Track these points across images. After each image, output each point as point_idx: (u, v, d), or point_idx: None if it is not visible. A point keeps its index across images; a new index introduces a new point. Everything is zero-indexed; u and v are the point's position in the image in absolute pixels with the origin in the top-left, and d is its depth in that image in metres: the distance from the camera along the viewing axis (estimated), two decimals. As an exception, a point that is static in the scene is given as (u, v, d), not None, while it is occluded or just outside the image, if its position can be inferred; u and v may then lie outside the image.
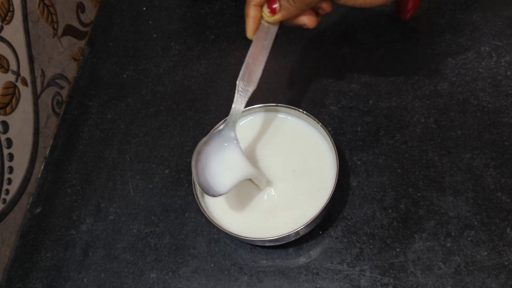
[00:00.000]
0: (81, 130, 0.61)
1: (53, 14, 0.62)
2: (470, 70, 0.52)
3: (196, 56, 0.63)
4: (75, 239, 0.52)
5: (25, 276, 0.51)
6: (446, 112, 0.51)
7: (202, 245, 0.49)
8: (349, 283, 0.44)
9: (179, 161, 0.55)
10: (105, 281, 0.49)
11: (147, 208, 0.53)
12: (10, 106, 0.53)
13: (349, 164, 0.50)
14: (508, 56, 0.52)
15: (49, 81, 0.61)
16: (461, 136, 0.49)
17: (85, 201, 0.55)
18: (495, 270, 0.42)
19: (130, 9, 0.71)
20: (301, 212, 0.43)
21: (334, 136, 0.51)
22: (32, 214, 0.56)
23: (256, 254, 0.47)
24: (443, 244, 0.44)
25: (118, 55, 0.67)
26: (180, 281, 0.48)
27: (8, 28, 0.52)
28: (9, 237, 0.53)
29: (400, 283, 0.43)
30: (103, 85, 0.64)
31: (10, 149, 0.52)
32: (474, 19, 0.56)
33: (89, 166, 0.58)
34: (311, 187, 0.45)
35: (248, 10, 0.40)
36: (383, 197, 0.47)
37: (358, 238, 0.46)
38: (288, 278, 0.45)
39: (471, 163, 0.47)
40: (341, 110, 0.54)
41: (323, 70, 0.57)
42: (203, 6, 0.68)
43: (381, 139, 0.51)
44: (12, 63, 0.53)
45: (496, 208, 0.45)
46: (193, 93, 0.60)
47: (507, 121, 0.48)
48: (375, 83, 0.54)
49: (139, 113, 0.60)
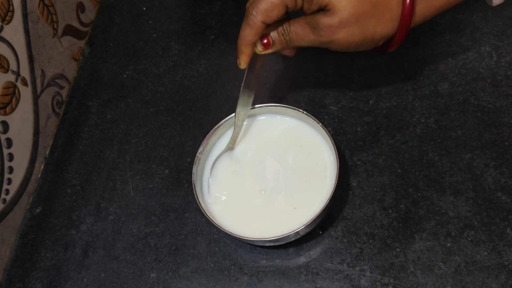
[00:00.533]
0: (81, 130, 0.61)
1: (53, 14, 0.62)
2: (470, 70, 0.52)
3: (196, 56, 0.63)
4: (75, 239, 0.52)
5: (25, 276, 0.51)
6: (446, 112, 0.51)
7: (202, 245, 0.49)
8: (349, 283, 0.44)
9: (179, 161, 0.55)
10: (105, 281, 0.49)
11: (147, 208, 0.53)
12: (10, 106, 0.53)
13: (349, 164, 0.50)
14: (508, 56, 0.52)
15: (49, 81, 0.61)
16: (461, 136, 0.49)
17: (85, 201, 0.55)
18: (495, 270, 0.42)
19: (130, 9, 0.71)
20: (301, 212, 0.44)
21: (334, 136, 0.51)
22: (32, 214, 0.56)
23: (256, 254, 0.47)
24: (443, 244, 0.44)
25: (118, 55, 0.67)
26: (180, 281, 0.48)
27: (8, 28, 0.52)
28: (9, 237, 0.53)
29: (400, 283, 0.43)
30: (103, 85, 0.64)
31: (10, 149, 0.52)
32: (474, 19, 0.56)
33: (89, 166, 0.58)
34: (311, 187, 0.45)
35: (242, 47, 0.42)
36: (383, 197, 0.47)
37: (358, 238, 0.46)
38: (288, 278, 0.45)
39: (471, 163, 0.47)
40: (341, 110, 0.54)
41: (323, 70, 0.57)
42: (203, 6, 0.68)
43: (381, 139, 0.51)
44: (12, 63, 0.53)
45: (496, 208, 0.45)
46: (193, 93, 0.60)
47: (507, 121, 0.48)
48: (375, 83, 0.54)
49: (139, 113, 0.60)
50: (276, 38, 0.42)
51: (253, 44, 0.42)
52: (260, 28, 0.40)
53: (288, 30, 0.41)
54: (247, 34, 0.41)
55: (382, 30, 0.40)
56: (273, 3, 0.39)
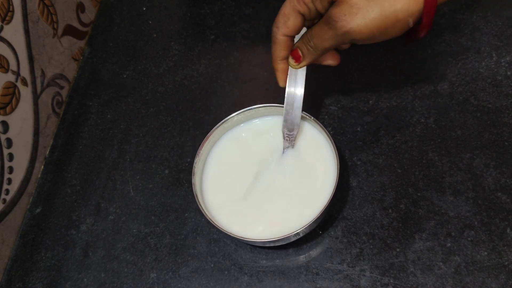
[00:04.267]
0: (81, 130, 0.61)
1: (53, 14, 0.62)
2: (470, 70, 0.52)
3: (196, 56, 0.63)
4: (75, 239, 0.53)
5: (25, 276, 0.51)
6: (446, 112, 0.51)
7: (202, 245, 0.49)
8: (349, 283, 0.44)
9: (179, 161, 0.55)
10: (105, 281, 0.49)
11: (147, 208, 0.53)
12: (10, 106, 0.53)
13: (349, 164, 0.50)
14: (508, 56, 0.52)
15: (49, 81, 0.61)
16: (461, 136, 0.49)
17: (85, 201, 0.55)
18: (495, 270, 0.42)
19: (130, 9, 0.71)
20: (301, 213, 0.43)
21: (334, 136, 0.51)
22: (32, 214, 0.56)
23: (256, 254, 0.47)
24: (443, 244, 0.44)
25: (118, 55, 0.67)
26: (180, 281, 0.48)
27: (8, 28, 0.52)
28: (9, 237, 0.53)
29: (400, 283, 0.43)
30: (103, 85, 0.64)
31: (10, 149, 0.52)
32: (474, 19, 0.56)
33: (89, 166, 0.58)
34: (311, 187, 0.45)
35: (276, 65, 0.43)
36: (383, 197, 0.47)
37: (358, 238, 0.46)
38: (288, 278, 0.45)
39: (471, 163, 0.47)
40: (341, 110, 0.54)
41: (323, 70, 0.57)
42: (203, 6, 0.68)
43: (381, 139, 0.51)
44: (12, 63, 0.53)
45: (496, 208, 0.45)
46: (193, 93, 0.60)
47: (507, 121, 0.48)
48: (375, 83, 0.54)
49: (139, 113, 0.60)
50: (303, 48, 0.42)
51: (283, 59, 0.43)
52: (284, 41, 0.41)
53: (310, 36, 0.40)
54: (274, 50, 0.42)
55: (403, 6, 0.35)
56: (286, 13, 0.40)
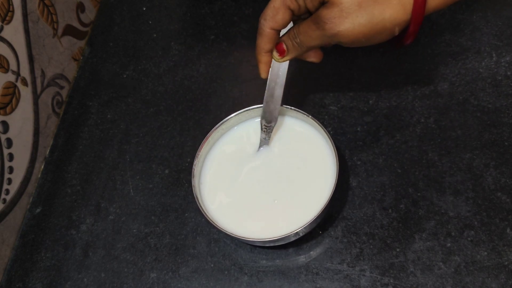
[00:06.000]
0: (81, 130, 0.61)
1: (53, 14, 0.62)
2: (470, 70, 0.52)
3: (196, 56, 0.63)
4: (75, 239, 0.53)
5: (25, 276, 0.51)
6: (446, 112, 0.51)
7: (202, 245, 0.49)
8: (349, 283, 0.44)
9: (179, 161, 0.55)
10: (105, 281, 0.49)
11: (147, 208, 0.53)
12: (10, 106, 0.53)
13: (349, 164, 0.50)
14: (508, 56, 0.52)
15: (49, 81, 0.61)
16: (461, 136, 0.49)
17: (85, 201, 0.55)
18: (495, 270, 0.42)
19: (130, 9, 0.71)
20: (301, 213, 0.43)
21: (334, 136, 0.51)
22: (32, 214, 0.56)
23: (256, 254, 0.47)
24: (443, 244, 0.44)
25: (118, 55, 0.67)
26: (180, 281, 0.48)
27: (8, 28, 0.52)
28: (9, 237, 0.53)
29: (400, 283, 0.43)
30: (103, 85, 0.64)
31: (10, 149, 0.52)
32: (474, 19, 0.56)
33: (89, 166, 0.58)
34: (311, 187, 0.45)
35: (260, 57, 0.43)
36: (383, 197, 0.47)
37: (358, 238, 0.46)
38: (288, 278, 0.45)
39: (471, 163, 0.47)
40: (341, 110, 0.54)
41: (323, 70, 0.57)
42: (203, 6, 0.68)
43: (381, 139, 0.51)
44: (12, 63, 0.53)
45: (496, 208, 0.45)
46: (193, 93, 0.60)
47: (507, 121, 0.48)
48: (375, 83, 0.54)
49: (139, 113, 0.60)
50: (288, 43, 0.42)
51: (268, 52, 0.43)
52: (270, 34, 0.41)
53: (297, 32, 0.41)
54: (260, 42, 0.42)
55: (392, 15, 0.37)
56: (275, 7, 0.40)
